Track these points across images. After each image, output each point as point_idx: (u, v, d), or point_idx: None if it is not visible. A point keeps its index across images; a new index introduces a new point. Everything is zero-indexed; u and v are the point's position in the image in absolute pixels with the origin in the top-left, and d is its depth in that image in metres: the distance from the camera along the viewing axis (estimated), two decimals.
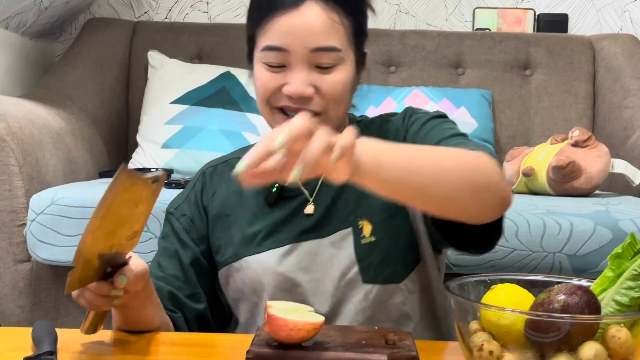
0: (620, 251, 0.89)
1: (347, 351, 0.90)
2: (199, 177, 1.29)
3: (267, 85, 1.13)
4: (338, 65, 1.12)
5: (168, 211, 1.28)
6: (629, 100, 2.55)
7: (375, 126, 1.25)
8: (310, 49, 1.10)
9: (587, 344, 0.80)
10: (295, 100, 1.11)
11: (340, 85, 1.13)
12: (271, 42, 1.11)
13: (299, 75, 1.10)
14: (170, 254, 1.24)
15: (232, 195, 1.24)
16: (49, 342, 0.96)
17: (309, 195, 1.20)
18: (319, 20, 1.10)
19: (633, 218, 1.77)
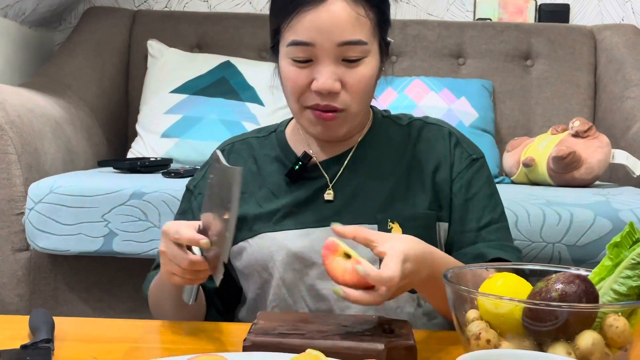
0: (619, 240, 0.89)
1: (344, 340, 0.90)
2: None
3: (296, 83, 1.14)
4: (364, 58, 1.13)
5: (188, 188, 1.29)
6: (630, 91, 2.54)
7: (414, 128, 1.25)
8: (337, 43, 1.10)
9: (584, 333, 0.79)
10: (323, 96, 1.12)
11: (366, 79, 1.13)
12: (298, 37, 1.11)
13: (326, 70, 1.11)
14: None
15: (248, 173, 1.24)
16: (46, 330, 0.96)
17: (329, 181, 1.21)
18: (345, 14, 1.09)
19: (633, 208, 1.77)
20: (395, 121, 1.27)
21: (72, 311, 1.89)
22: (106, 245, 1.80)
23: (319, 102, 1.13)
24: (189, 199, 1.28)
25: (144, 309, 1.89)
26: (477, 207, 1.21)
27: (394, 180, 1.21)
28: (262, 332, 0.92)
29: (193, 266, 0.98)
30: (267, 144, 1.28)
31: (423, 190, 1.20)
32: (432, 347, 0.99)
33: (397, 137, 1.25)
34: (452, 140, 1.24)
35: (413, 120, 1.28)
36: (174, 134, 2.41)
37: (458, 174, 1.22)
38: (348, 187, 1.21)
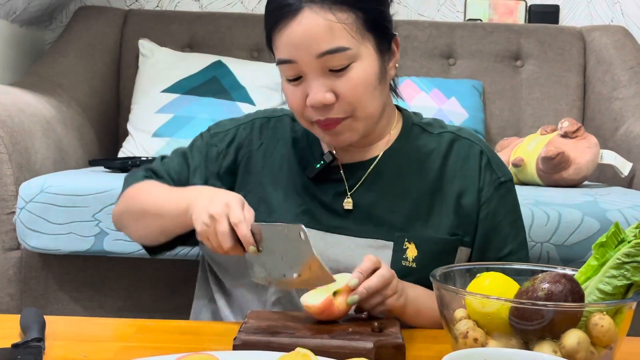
0: (605, 240, 0.90)
1: (333, 339, 0.91)
2: (248, 122, 1.28)
3: (293, 101, 1.13)
4: (353, 63, 1.09)
5: (209, 129, 1.28)
6: (619, 92, 2.56)
7: (445, 141, 1.22)
8: (316, 55, 1.07)
9: (570, 332, 0.81)
10: (320, 110, 1.10)
11: (359, 85, 1.09)
12: (281, 55, 1.10)
13: (314, 85, 1.09)
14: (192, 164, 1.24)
15: (277, 155, 1.23)
16: (37, 329, 0.96)
17: (349, 187, 1.19)
18: (317, 25, 1.06)
19: (621, 209, 1.78)
20: (425, 129, 1.24)
21: (63, 310, 1.89)
22: (97, 244, 1.80)
23: (319, 117, 1.11)
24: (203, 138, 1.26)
25: (134, 309, 1.90)
26: (499, 236, 1.19)
27: (417, 196, 1.18)
28: (252, 331, 0.93)
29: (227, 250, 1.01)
30: (299, 129, 1.25)
31: (447, 211, 1.18)
32: (420, 345, 1.00)
33: (426, 148, 1.22)
34: (482, 160, 1.20)
35: (445, 131, 1.23)
36: (165, 134, 2.41)
37: (486, 200, 1.19)
38: (368, 198, 1.18)
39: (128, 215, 1.23)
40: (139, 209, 1.20)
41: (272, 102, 2.51)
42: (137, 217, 1.21)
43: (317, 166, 1.19)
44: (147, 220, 1.18)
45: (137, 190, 1.22)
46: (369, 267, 1.03)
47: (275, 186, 1.21)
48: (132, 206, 1.22)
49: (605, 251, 0.90)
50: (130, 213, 1.22)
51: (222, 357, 0.82)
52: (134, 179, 1.25)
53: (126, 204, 1.23)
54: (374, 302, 1.01)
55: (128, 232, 1.27)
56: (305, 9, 1.07)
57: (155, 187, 1.21)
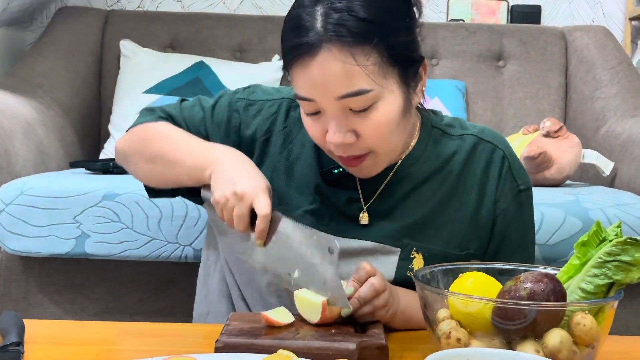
0: (586, 239, 0.90)
1: (316, 340, 0.90)
2: (276, 100, 1.22)
3: (313, 134, 1.07)
4: (375, 103, 1.02)
5: (235, 92, 1.23)
6: (601, 92, 2.58)
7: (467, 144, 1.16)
8: (336, 98, 1.00)
9: (552, 331, 0.81)
10: (341, 147, 1.04)
11: (382, 124, 1.03)
12: (299, 92, 1.03)
13: (333, 124, 1.02)
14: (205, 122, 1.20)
15: (298, 143, 1.18)
16: (16, 333, 0.95)
17: (363, 198, 1.15)
18: (336, 68, 0.98)
19: (602, 208, 1.79)
20: (445, 131, 1.18)
21: (43, 314, 1.87)
22: (78, 247, 1.78)
23: (341, 154, 1.06)
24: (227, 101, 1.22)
25: (116, 311, 1.89)
26: (509, 247, 1.16)
27: (433, 204, 1.14)
28: (234, 333, 0.92)
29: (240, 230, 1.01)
30: None
31: (462, 222, 1.14)
32: (403, 346, 0.99)
33: (446, 152, 1.16)
34: (504, 167, 1.15)
35: (467, 133, 1.18)
36: None
37: (502, 210, 1.15)
38: (382, 205, 1.15)
39: (138, 156, 1.18)
40: (153, 153, 1.15)
41: None
42: (149, 159, 1.16)
43: (335, 172, 1.15)
44: (160, 166, 1.15)
45: (153, 132, 1.17)
46: (363, 277, 1.01)
47: (289, 176, 1.18)
48: (145, 147, 1.17)
49: (587, 250, 0.90)
50: (141, 154, 1.17)
51: None
52: (149, 117, 1.20)
53: (138, 143, 1.18)
54: (363, 312, 0.99)
55: (133, 170, 1.22)
56: (323, 49, 0.98)
57: (175, 134, 1.16)
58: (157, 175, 1.18)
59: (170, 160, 1.14)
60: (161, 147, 1.15)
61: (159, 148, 1.16)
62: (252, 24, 2.69)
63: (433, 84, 2.58)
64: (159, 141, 1.16)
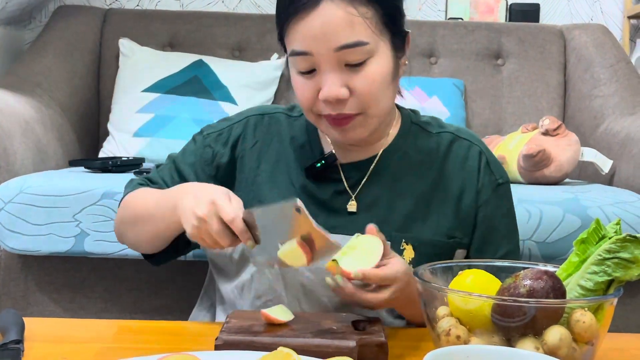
0: (586, 237, 0.90)
1: (316, 337, 0.90)
2: (241, 121, 1.25)
3: (304, 94, 1.10)
4: (370, 58, 1.06)
5: (201, 132, 1.26)
6: (599, 90, 2.58)
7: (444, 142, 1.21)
8: (335, 49, 1.04)
9: (552, 328, 0.81)
10: (333, 105, 1.07)
11: (375, 82, 1.07)
12: (296, 46, 1.07)
13: (329, 78, 1.06)
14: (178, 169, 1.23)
15: (272, 152, 1.22)
16: (16, 331, 0.95)
17: (349, 188, 1.18)
18: (338, 17, 1.03)
19: (601, 205, 1.80)
20: (424, 128, 1.22)
21: (43, 312, 1.87)
22: (77, 245, 1.78)
23: (330, 112, 1.08)
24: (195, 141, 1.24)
25: (115, 309, 1.89)
26: (496, 238, 1.19)
27: (416, 196, 1.17)
28: (234, 331, 0.92)
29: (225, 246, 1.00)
30: (297, 126, 1.24)
31: (446, 212, 1.17)
32: (403, 343, 1.00)
33: (425, 148, 1.20)
34: (482, 161, 1.20)
35: (444, 131, 1.22)
36: (146, 133, 2.39)
37: (484, 202, 1.18)
38: (367, 197, 1.17)
39: (124, 224, 1.21)
40: (133, 216, 1.19)
41: (254, 101, 2.50)
42: (132, 224, 1.19)
43: (318, 165, 1.17)
44: (140, 226, 1.17)
45: (132, 198, 1.20)
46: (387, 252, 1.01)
47: (271, 185, 1.20)
48: (126, 214, 1.20)
49: (586, 248, 0.90)
50: (125, 222, 1.21)
51: (204, 358, 0.81)
52: (129, 188, 1.24)
53: (122, 213, 1.22)
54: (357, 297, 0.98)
55: (127, 242, 1.25)
56: (326, 0, 1.04)
57: (147, 193, 1.19)
58: (144, 236, 1.18)
59: (147, 217, 1.15)
60: (137, 208, 1.18)
61: (135, 211, 1.18)
62: (251, 23, 2.69)
63: (432, 82, 2.58)
64: (136, 205, 1.19)
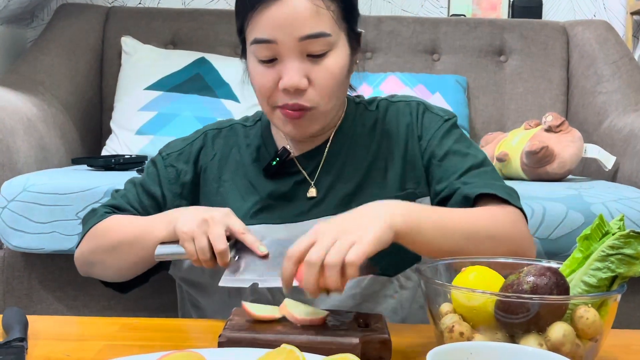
0: (589, 233, 0.90)
1: (319, 334, 0.90)
2: (200, 135, 1.28)
3: (263, 83, 1.12)
4: (330, 51, 1.10)
5: (160, 153, 1.27)
6: (602, 86, 2.57)
7: (381, 110, 1.25)
8: (299, 38, 1.07)
9: (555, 325, 0.80)
10: (291, 94, 1.10)
11: (333, 74, 1.11)
12: (259, 35, 1.09)
13: (291, 67, 1.09)
14: (150, 192, 1.24)
15: (232, 161, 1.24)
16: (20, 329, 0.95)
17: (308, 176, 1.20)
18: (304, 7, 1.07)
19: (605, 202, 1.79)
20: (367, 107, 1.26)
21: (46, 310, 1.88)
22: None
23: (287, 102, 1.11)
24: (156, 164, 1.26)
25: (119, 307, 1.89)
26: (454, 160, 1.17)
27: (367, 166, 1.20)
28: (237, 328, 0.92)
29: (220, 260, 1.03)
30: (252, 133, 1.27)
31: (395, 170, 1.19)
32: (406, 340, 0.99)
33: (369, 123, 1.24)
34: (419, 109, 1.23)
35: (379, 101, 1.27)
36: (149, 131, 2.40)
37: (429, 140, 1.19)
38: (325, 181, 1.20)
39: (96, 254, 1.20)
40: (109, 245, 1.17)
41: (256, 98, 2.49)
42: (107, 252, 1.18)
43: (274, 163, 1.20)
44: (118, 254, 1.16)
45: (105, 226, 1.19)
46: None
47: (234, 192, 1.22)
48: (100, 243, 1.19)
49: (590, 244, 0.90)
50: (98, 251, 1.19)
51: (207, 355, 0.81)
52: (95, 219, 1.22)
53: (95, 242, 1.20)
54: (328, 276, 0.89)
55: (99, 271, 1.23)
56: None
57: (123, 219, 1.19)
58: (123, 264, 1.18)
59: (127, 244, 1.15)
60: (115, 237, 1.17)
61: (112, 239, 1.17)
62: None
63: (434, 79, 2.58)
64: (113, 233, 1.18)
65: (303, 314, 0.94)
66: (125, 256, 1.16)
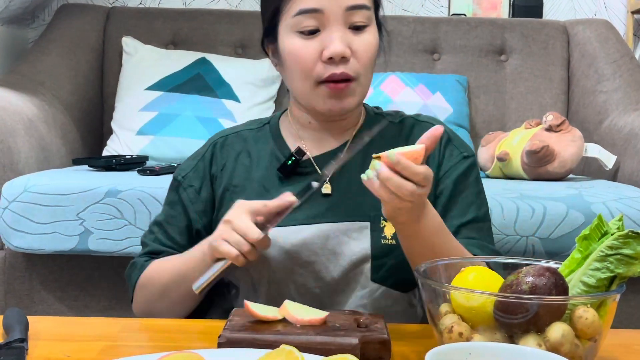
0: (588, 233, 0.90)
1: (318, 335, 0.90)
2: (209, 147, 1.28)
3: (305, 56, 1.13)
4: (368, 26, 1.15)
5: (176, 178, 1.27)
6: (603, 85, 2.57)
7: (406, 126, 1.24)
8: (346, 8, 1.11)
9: (554, 325, 0.80)
10: (336, 63, 1.11)
11: (372, 47, 1.15)
12: (305, 5, 1.11)
13: (337, 35, 1.11)
14: (178, 223, 1.24)
15: (241, 167, 1.24)
16: (20, 330, 0.95)
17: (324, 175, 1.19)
18: None
19: (605, 201, 1.79)
20: (387, 118, 1.26)
21: (47, 310, 1.88)
22: (81, 243, 1.79)
23: (334, 71, 1.12)
24: (176, 189, 1.26)
25: (120, 307, 1.89)
26: (462, 203, 1.19)
27: None
28: (237, 329, 0.92)
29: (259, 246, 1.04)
30: (261, 137, 1.26)
31: None
32: (406, 341, 1.00)
33: (389, 133, 1.24)
34: (443, 138, 1.22)
35: (405, 118, 1.26)
36: (150, 131, 2.40)
37: (446, 172, 1.20)
38: (342, 183, 1.19)
39: (150, 302, 1.21)
40: (160, 289, 1.18)
41: (257, 98, 2.50)
42: (160, 297, 1.19)
43: (289, 162, 1.20)
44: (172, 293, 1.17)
45: (149, 276, 1.20)
46: None
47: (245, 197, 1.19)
48: (151, 291, 1.20)
49: (589, 244, 0.90)
50: (152, 299, 1.20)
51: (207, 355, 0.82)
52: (137, 271, 1.23)
53: (145, 294, 1.21)
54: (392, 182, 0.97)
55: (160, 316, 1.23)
56: None
57: (164, 262, 1.20)
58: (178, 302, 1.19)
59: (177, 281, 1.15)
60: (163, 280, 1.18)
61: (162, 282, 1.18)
62: (253, 20, 2.69)
63: (435, 78, 2.58)
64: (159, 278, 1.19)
65: (303, 315, 0.94)
66: (176, 297, 1.17)
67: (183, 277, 1.14)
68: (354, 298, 1.16)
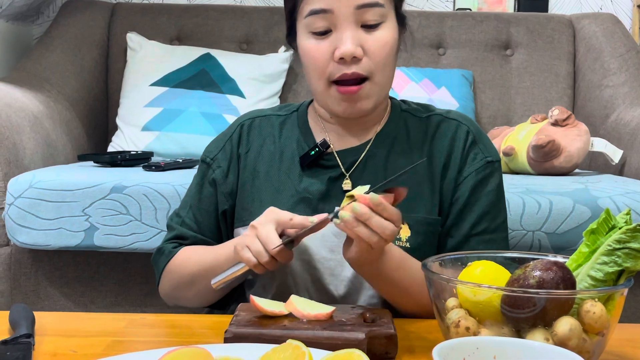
0: (595, 227, 0.89)
1: (325, 330, 0.90)
2: (236, 128, 1.27)
3: (317, 57, 1.13)
4: (382, 23, 1.13)
5: (204, 160, 1.27)
6: (609, 79, 2.56)
7: (432, 123, 1.22)
8: (356, 6, 1.10)
9: (562, 319, 0.80)
10: (347, 64, 1.11)
11: (387, 45, 1.13)
12: (315, 5, 1.11)
13: (347, 35, 1.11)
14: (207, 206, 1.24)
15: (267, 153, 1.23)
16: (27, 325, 0.95)
17: (345, 171, 1.19)
18: None
19: (612, 196, 1.79)
20: (413, 114, 1.25)
21: (53, 306, 1.88)
22: (87, 239, 1.79)
23: (345, 71, 1.12)
24: (204, 171, 1.26)
25: (126, 303, 1.90)
26: (476, 212, 1.18)
27: (409, 177, 1.17)
28: (243, 324, 0.92)
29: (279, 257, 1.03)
30: (289, 123, 1.26)
31: (434, 191, 1.18)
32: (412, 335, 0.99)
33: (415, 131, 1.22)
34: (468, 139, 1.20)
35: (432, 114, 1.24)
36: (155, 127, 2.40)
37: (465, 178, 1.18)
38: (362, 178, 1.19)
39: (179, 289, 1.22)
40: (189, 276, 1.19)
41: (262, 94, 2.50)
42: (188, 284, 1.20)
43: (312, 153, 1.19)
44: (200, 284, 1.17)
45: (178, 264, 1.21)
46: None
47: (268, 184, 1.21)
48: (179, 278, 1.21)
49: (596, 238, 0.89)
50: (181, 286, 1.21)
51: (213, 350, 0.82)
52: (164, 257, 1.23)
53: (172, 280, 1.22)
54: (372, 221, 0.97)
55: (185, 302, 1.26)
56: None
57: (195, 250, 1.21)
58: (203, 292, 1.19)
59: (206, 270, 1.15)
60: (192, 268, 1.19)
61: (192, 270, 1.19)
62: (258, 15, 2.69)
63: (440, 73, 2.57)
64: (188, 265, 1.20)
65: (309, 310, 0.94)
66: (203, 288, 1.17)
67: (209, 271, 1.14)
68: (366, 296, 1.16)
